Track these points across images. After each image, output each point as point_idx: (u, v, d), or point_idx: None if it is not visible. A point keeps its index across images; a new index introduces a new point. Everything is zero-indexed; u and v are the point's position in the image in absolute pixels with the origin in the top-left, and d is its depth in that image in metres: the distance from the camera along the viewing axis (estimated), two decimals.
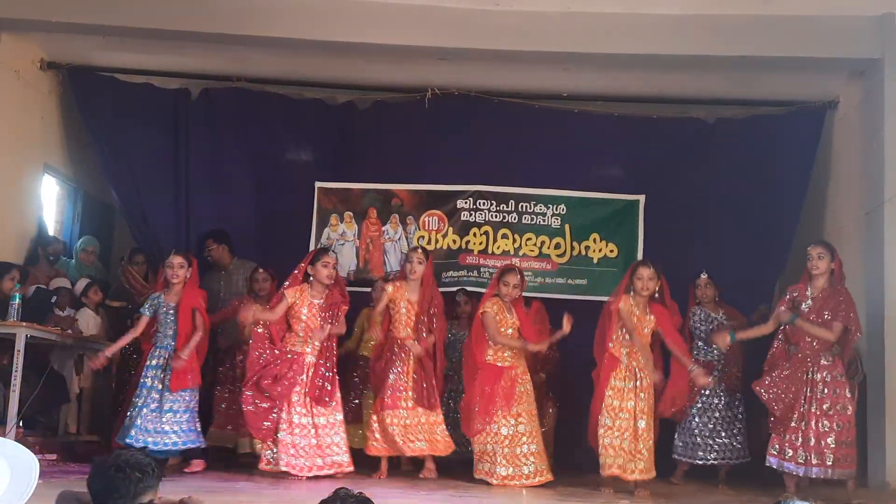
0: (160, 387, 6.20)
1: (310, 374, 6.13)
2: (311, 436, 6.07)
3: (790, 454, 5.84)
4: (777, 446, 5.91)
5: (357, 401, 7.09)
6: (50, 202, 8.56)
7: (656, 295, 6.09)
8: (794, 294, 6.04)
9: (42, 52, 7.99)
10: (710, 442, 6.70)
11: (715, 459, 6.70)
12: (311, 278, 6.26)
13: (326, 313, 6.25)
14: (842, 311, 5.86)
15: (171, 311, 6.32)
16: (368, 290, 7.44)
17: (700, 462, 6.72)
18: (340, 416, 6.26)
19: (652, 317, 6.05)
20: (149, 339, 6.49)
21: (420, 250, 6.60)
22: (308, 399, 6.10)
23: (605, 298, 7.75)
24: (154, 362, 6.27)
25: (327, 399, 6.15)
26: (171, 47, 7.78)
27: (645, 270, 6.06)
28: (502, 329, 6.26)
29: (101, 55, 8.08)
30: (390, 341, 6.41)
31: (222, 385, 7.04)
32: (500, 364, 6.25)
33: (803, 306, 5.96)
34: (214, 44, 7.58)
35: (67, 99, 8.25)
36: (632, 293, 6.07)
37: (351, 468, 6.16)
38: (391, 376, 6.31)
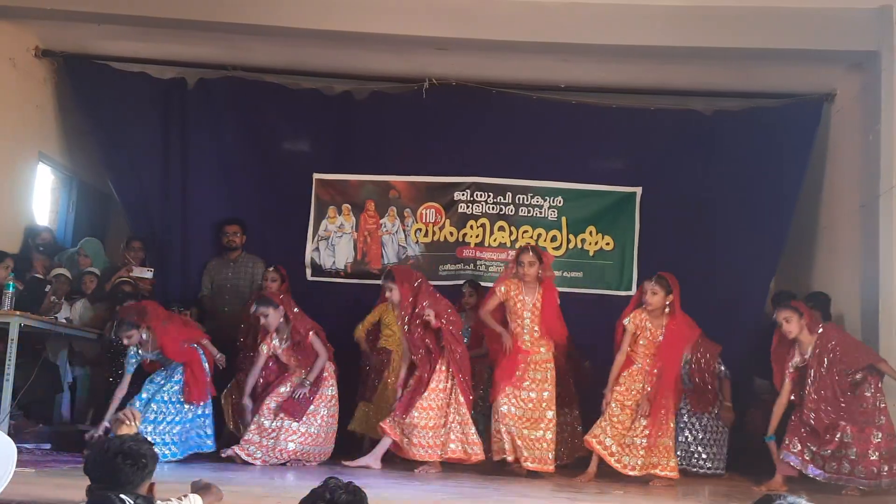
0: None
1: None
2: None
3: None
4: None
5: None
6: (45, 191, 8.51)
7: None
8: None
9: (37, 40, 7.94)
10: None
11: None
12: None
13: None
14: None
15: None
16: (366, 282, 7.45)
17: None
18: None
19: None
20: None
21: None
22: None
23: (600, 291, 7.91)
24: None
25: None
26: (167, 36, 7.74)
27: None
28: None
29: (96, 43, 8.04)
30: None
31: None
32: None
33: None
34: (211, 32, 7.55)
35: (63, 87, 8.21)
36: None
37: None
38: None
